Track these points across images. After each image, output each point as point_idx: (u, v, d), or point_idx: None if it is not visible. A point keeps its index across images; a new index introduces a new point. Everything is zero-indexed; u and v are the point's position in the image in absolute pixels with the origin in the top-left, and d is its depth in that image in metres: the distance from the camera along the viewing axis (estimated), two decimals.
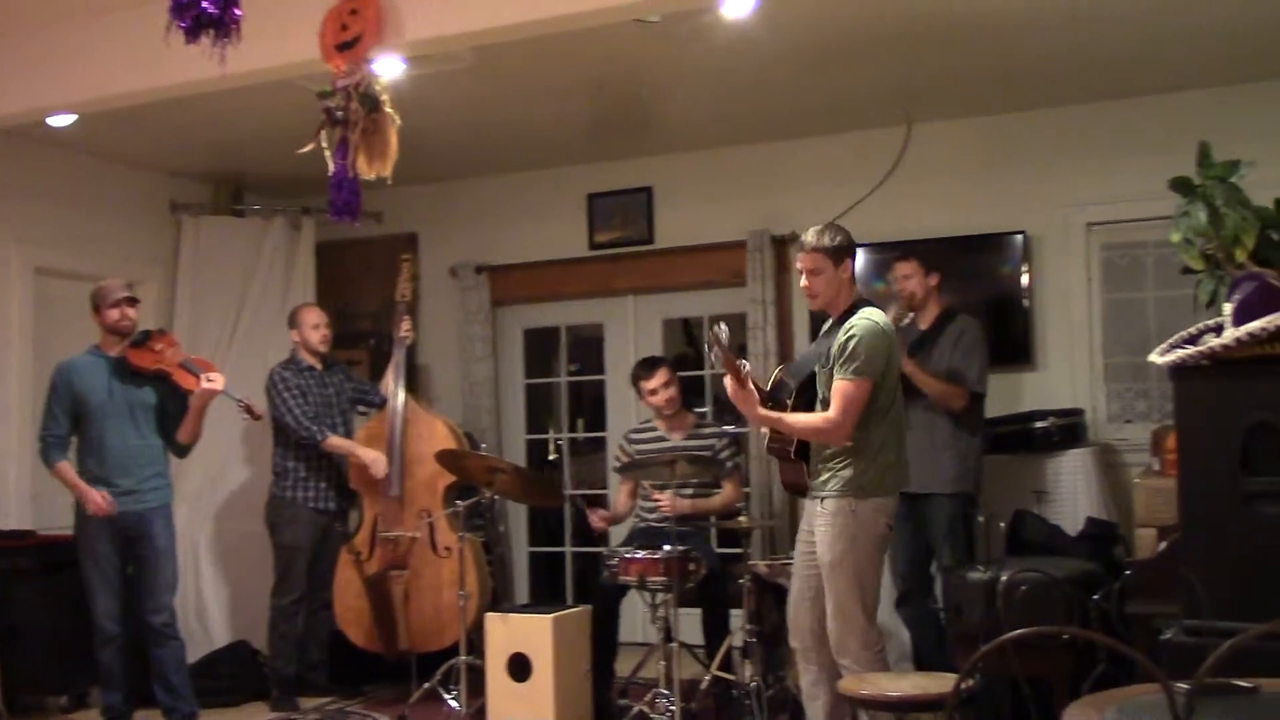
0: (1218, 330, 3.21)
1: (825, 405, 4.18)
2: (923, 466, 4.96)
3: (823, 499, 4.16)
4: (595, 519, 5.68)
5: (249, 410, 5.41)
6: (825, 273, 4.22)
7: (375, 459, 5.87)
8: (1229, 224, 3.75)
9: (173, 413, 5.33)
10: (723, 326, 4.03)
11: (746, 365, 4.19)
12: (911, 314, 5.17)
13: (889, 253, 5.62)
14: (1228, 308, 3.21)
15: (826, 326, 4.35)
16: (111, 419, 5.17)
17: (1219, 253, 3.80)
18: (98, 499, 5.06)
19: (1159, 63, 5.45)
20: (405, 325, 6.10)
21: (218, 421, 5.82)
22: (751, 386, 4.17)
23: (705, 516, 5.64)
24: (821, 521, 4.15)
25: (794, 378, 4.35)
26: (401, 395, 6.00)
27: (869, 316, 4.16)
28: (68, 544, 5.35)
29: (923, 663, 5.09)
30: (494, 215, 7.34)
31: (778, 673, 5.12)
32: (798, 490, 4.52)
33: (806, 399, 4.29)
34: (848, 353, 4.07)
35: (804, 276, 4.26)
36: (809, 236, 4.25)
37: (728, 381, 4.14)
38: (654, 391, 5.66)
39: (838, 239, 4.22)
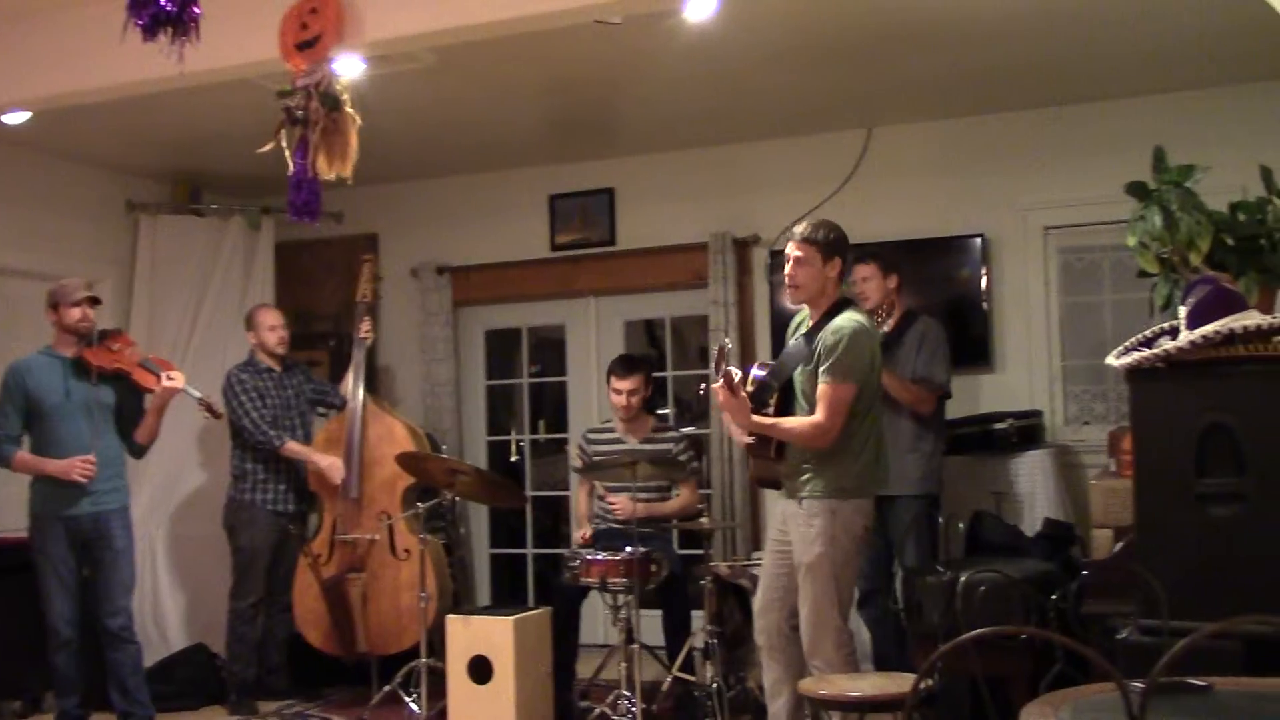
0: (1173, 333, 3.24)
1: (808, 403, 4.17)
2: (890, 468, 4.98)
3: (802, 499, 4.15)
4: (580, 540, 5.64)
5: (209, 408, 5.37)
6: (812, 265, 4.19)
7: (331, 464, 5.83)
8: (1184, 228, 3.79)
9: (129, 413, 5.27)
10: (728, 341, 4.04)
11: (738, 373, 4.19)
12: (889, 321, 5.17)
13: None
14: (1182, 311, 3.25)
15: (797, 322, 4.36)
16: (68, 420, 5.11)
17: (1174, 256, 3.84)
18: (76, 463, 4.99)
19: (1116, 68, 5.51)
20: (365, 326, 6.05)
21: (175, 423, 5.76)
22: (744, 394, 4.16)
23: (662, 520, 5.64)
24: (799, 522, 4.14)
25: (776, 379, 4.35)
26: (361, 396, 5.97)
27: (855, 318, 4.16)
28: (22, 546, 5.28)
29: (882, 663, 5.12)
30: (455, 216, 7.32)
31: (739, 674, 5.13)
32: (769, 484, 4.51)
33: (784, 398, 4.30)
34: (835, 355, 4.06)
35: (789, 265, 4.23)
36: (801, 227, 4.24)
37: (719, 390, 4.12)
38: (619, 392, 5.66)
39: (831, 235, 4.20)
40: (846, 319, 4.13)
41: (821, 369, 4.09)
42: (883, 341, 5.02)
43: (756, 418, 4.18)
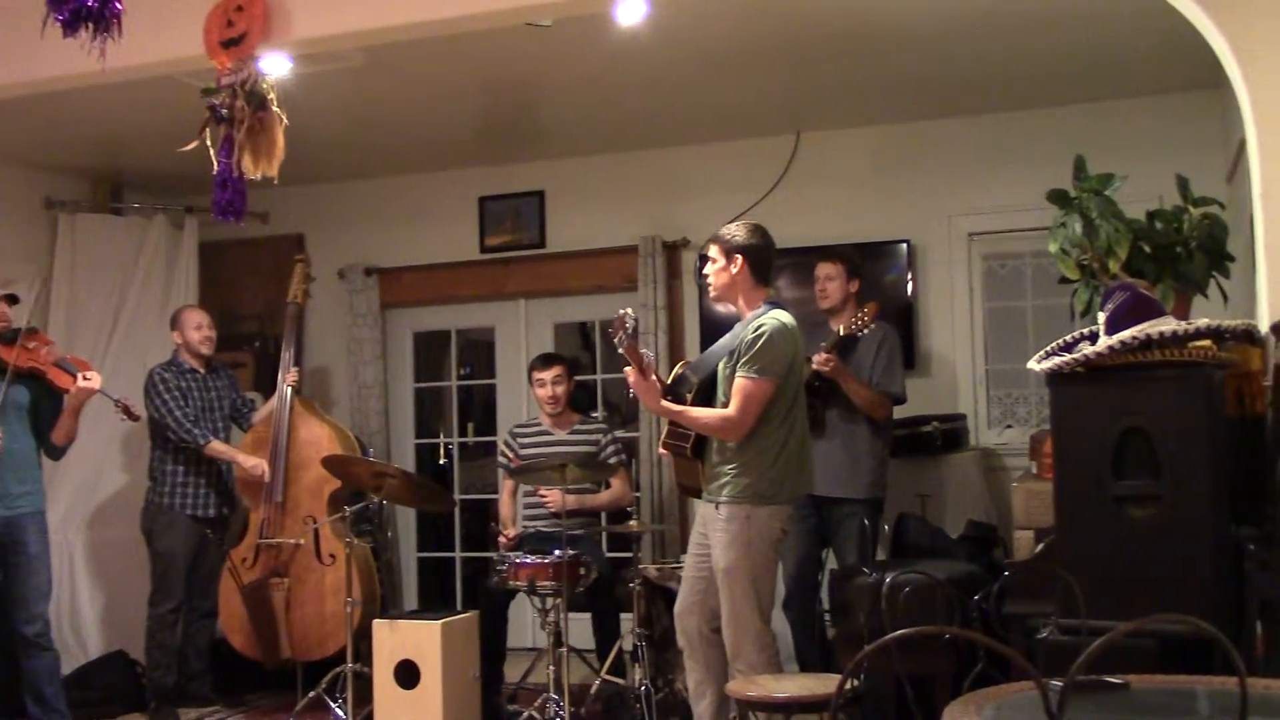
0: (1092, 338, 3.30)
1: (728, 399, 4.19)
2: (840, 471, 4.98)
3: (719, 504, 4.17)
4: (504, 541, 5.64)
5: (127, 410, 5.28)
6: (718, 264, 4.31)
7: (255, 465, 5.76)
8: (1103, 235, 3.86)
9: (46, 414, 5.17)
10: (630, 311, 4.05)
11: (649, 355, 4.22)
12: (872, 325, 5.04)
13: (778, 258, 5.68)
14: (1101, 317, 3.31)
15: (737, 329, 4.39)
16: None
17: (1094, 263, 3.91)
18: None
19: (1038, 78, 5.61)
20: (293, 376, 5.97)
21: (94, 423, 5.66)
22: (654, 377, 4.19)
23: (594, 512, 5.65)
24: (717, 527, 4.16)
25: (697, 373, 4.37)
26: (289, 398, 5.90)
27: (778, 317, 4.19)
28: None
29: (804, 664, 5.14)
30: (383, 217, 7.26)
31: (667, 676, 5.15)
32: (691, 492, 4.53)
33: (706, 396, 4.32)
34: (754, 351, 4.09)
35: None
36: (721, 229, 4.37)
37: (629, 370, 4.15)
38: (543, 384, 5.69)
39: (737, 236, 4.29)
40: (770, 317, 4.17)
41: (739, 364, 4.13)
42: (838, 344, 5.04)
43: (665, 403, 4.21)
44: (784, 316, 4.22)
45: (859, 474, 5.07)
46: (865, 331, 5.03)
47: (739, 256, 4.26)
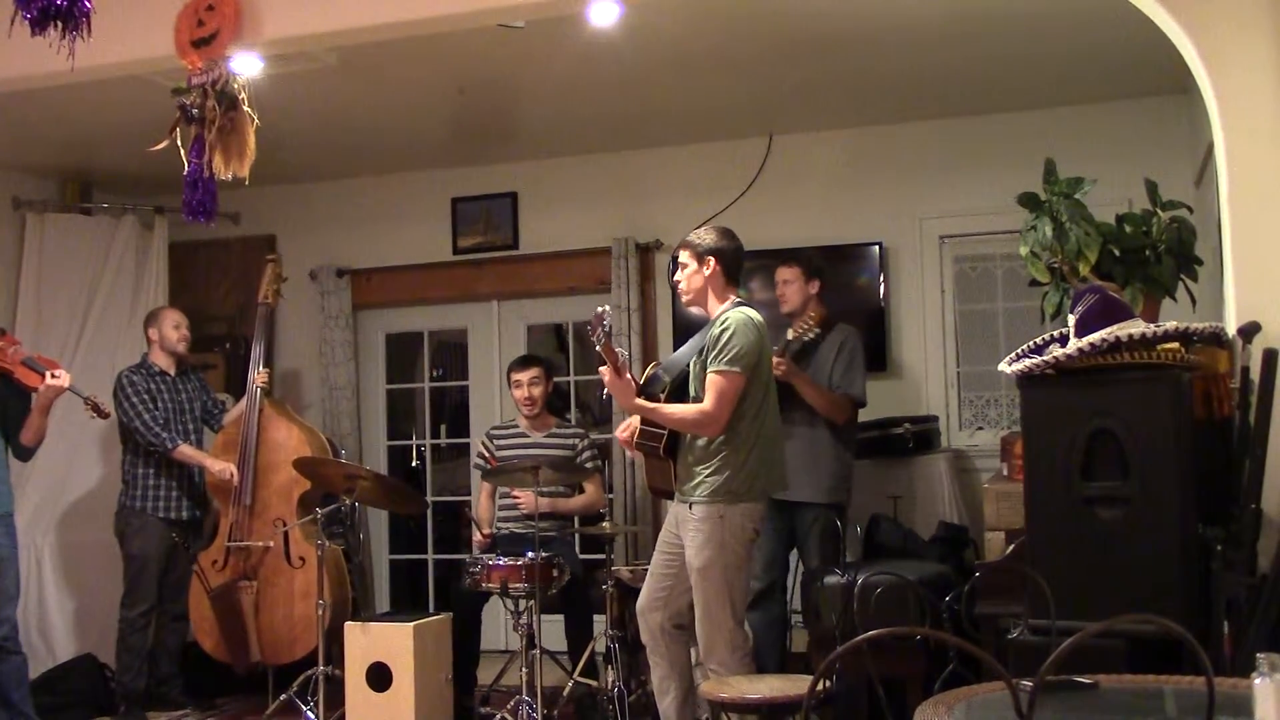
0: (1062, 341, 3.32)
1: (700, 398, 4.21)
2: (801, 474, 4.96)
3: (692, 504, 4.19)
4: (478, 540, 5.63)
5: (96, 408, 5.24)
6: (690, 268, 4.34)
7: (223, 469, 5.72)
8: (1073, 239, 3.89)
9: (13, 413, 5.12)
10: (608, 309, 4.07)
11: (624, 354, 4.23)
12: (817, 330, 5.01)
13: (750, 260, 5.70)
14: (1071, 319, 3.33)
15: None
16: None
17: (1063, 266, 3.94)
18: None
19: (1009, 82, 5.65)
20: (262, 376, 5.94)
21: (63, 423, 5.62)
22: (629, 376, 4.20)
23: (566, 516, 5.64)
24: (690, 527, 4.17)
25: (669, 373, 4.39)
26: (258, 400, 5.87)
27: (743, 311, 4.22)
28: None
29: (763, 666, 5.12)
30: (356, 218, 7.23)
31: (640, 677, 5.14)
32: (662, 494, 4.53)
33: (679, 395, 4.32)
34: (720, 345, 4.13)
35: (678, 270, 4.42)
36: (689, 234, 4.39)
37: (604, 370, 4.16)
38: (520, 385, 5.68)
39: (707, 239, 4.33)
40: (735, 312, 4.21)
41: (710, 359, 4.16)
42: (800, 348, 5.05)
43: (640, 401, 4.24)
44: (749, 311, 4.25)
45: (820, 477, 5.05)
46: (810, 336, 5.01)
47: (711, 259, 4.30)
